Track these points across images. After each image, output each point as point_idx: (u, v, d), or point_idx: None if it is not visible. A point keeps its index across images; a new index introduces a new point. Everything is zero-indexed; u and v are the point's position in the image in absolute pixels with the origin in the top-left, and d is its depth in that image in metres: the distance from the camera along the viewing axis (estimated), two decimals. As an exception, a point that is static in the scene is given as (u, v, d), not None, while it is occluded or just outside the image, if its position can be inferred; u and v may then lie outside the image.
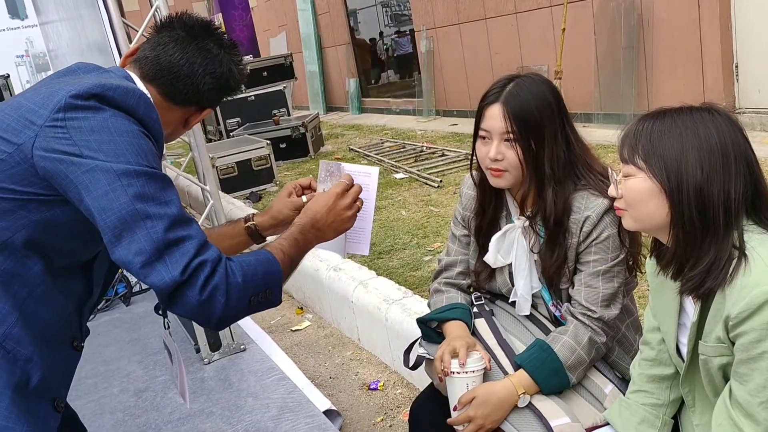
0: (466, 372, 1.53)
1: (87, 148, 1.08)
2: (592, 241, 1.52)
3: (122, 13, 3.64)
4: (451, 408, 1.57)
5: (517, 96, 1.50)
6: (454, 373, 1.53)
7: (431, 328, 1.73)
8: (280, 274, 1.21)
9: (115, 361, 3.14)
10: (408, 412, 2.55)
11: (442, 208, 4.76)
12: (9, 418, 1.09)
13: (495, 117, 1.51)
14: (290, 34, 13.55)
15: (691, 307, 1.23)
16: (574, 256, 1.56)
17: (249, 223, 1.55)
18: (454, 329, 1.65)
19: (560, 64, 6.14)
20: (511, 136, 1.50)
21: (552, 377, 1.50)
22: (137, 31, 3.91)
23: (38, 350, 1.16)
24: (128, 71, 1.30)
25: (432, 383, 1.74)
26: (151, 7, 3.93)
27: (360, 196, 1.43)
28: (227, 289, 1.10)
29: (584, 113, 6.28)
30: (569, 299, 1.59)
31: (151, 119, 1.19)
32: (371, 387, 2.83)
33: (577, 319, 1.54)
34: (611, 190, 1.25)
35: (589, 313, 1.53)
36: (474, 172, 1.71)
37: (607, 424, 1.45)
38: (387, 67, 12.58)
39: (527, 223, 1.60)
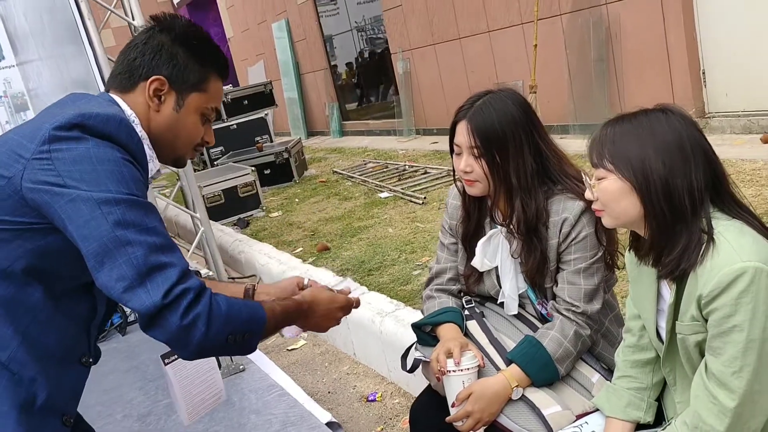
0: (461, 370, 1.62)
1: (70, 178, 1.12)
2: (572, 241, 1.63)
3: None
4: (449, 405, 1.66)
5: (482, 113, 1.62)
6: (450, 372, 1.63)
7: (426, 333, 1.83)
8: (264, 324, 1.23)
9: (115, 389, 3.18)
10: (407, 420, 2.63)
11: (428, 223, 4.86)
12: None
13: (462, 132, 1.64)
14: (268, 62, 13.72)
15: (668, 292, 1.34)
16: (556, 256, 1.67)
17: (249, 287, 1.57)
18: (448, 331, 1.75)
19: (534, 79, 6.32)
20: (476, 151, 1.62)
21: (542, 370, 1.60)
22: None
23: (44, 370, 1.20)
24: (111, 95, 1.33)
25: (429, 385, 1.83)
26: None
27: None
28: (209, 319, 1.12)
29: (560, 125, 6.45)
30: (554, 297, 1.70)
31: (133, 142, 1.21)
32: (369, 398, 2.91)
33: (562, 314, 1.65)
34: (587, 194, 1.36)
35: (573, 308, 1.63)
36: (458, 183, 1.82)
37: (596, 410, 1.55)
38: (366, 90, 12.76)
39: (505, 230, 1.71)
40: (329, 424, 2.54)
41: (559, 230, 1.63)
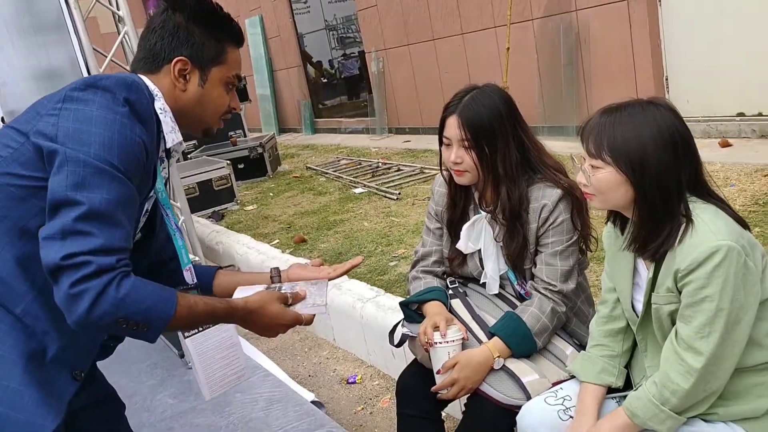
0: (447, 342, 1.74)
1: (63, 133, 1.18)
2: (549, 225, 1.76)
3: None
4: (435, 374, 1.78)
5: (471, 108, 1.74)
6: (437, 343, 1.74)
7: (413, 311, 1.94)
8: (167, 320, 1.21)
9: (97, 372, 3.22)
10: (387, 400, 2.75)
11: (403, 218, 4.98)
12: (22, 383, 1.20)
13: (453, 126, 1.76)
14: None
15: (644, 269, 1.48)
16: (535, 239, 1.80)
17: (273, 271, 1.59)
18: (433, 308, 1.87)
19: (506, 81, 6.50)
20: (466, 143, 1.74)
21: (522, 342, 1.73)
22: (105, 57, 4.05)
23: (57, 325, 1.24)
24: (139, 75, 1.39)
25: (415, 359, 1.95)
26: (119, 34, 4.08)
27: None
28: (97, 297, 1.11)
29: (531, 126, 6.62)
30: (533, 278, 1.83)
31: (141, 103, 1.27)
32: (350, 381, 3.01)
33: (540, 293, 1.78)
34: (580, 178, 1.45)
35: (551, 287, 1.77)
36: (444, 172, 1.94)
37: (570, 378, 1.68)
38: (338, 89, 12.83)
39: (489, 216, 1.84)
40: (312, 404, 2.63)
41: (538, 215, 1.76)
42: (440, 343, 1.74)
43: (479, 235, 1.88)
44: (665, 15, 5.65)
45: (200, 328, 1.58)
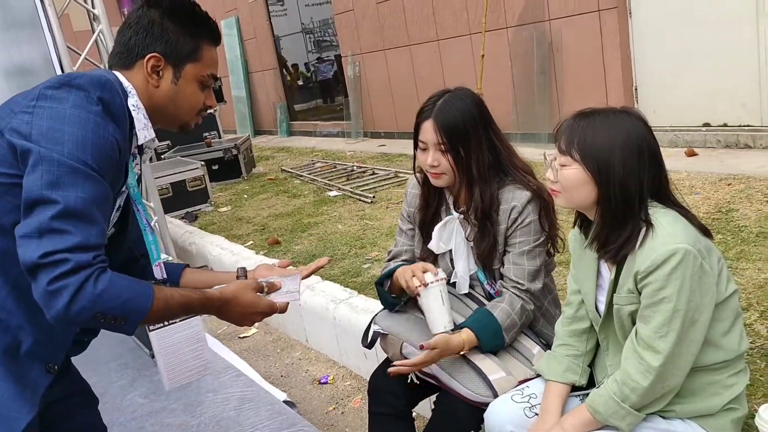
0: (438, 280, 1.76)
1: (38, 132, 1.19)
2: (518, 225, 1.81)
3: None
4: (428, 319, 1.78)
5: (446, 111, 1.79)
6: (430, 283, 1.75)
7: (388, 293, 1.94)
8: (144, 313, 1.22)
9: (67, 372, 3.20)
10: (358, 400, 2.78)
11: (377, 221, 5.02)
12: None
13: (429, 130, 1.80)
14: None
15: (607, 270, 1.54)
16: (504, 240, 1.85)
17: (240, 270, 1.59)
18: (404, 267, 1.88)
19: (481, 88, 6.58)
20: (442, 147, 1.78)
21: (492, 337, 1.77)
22: (80, 55, 4.02)
23: (32, 319, 1.26)
24: (114, 71, 1.40)
25: (387, 358, 1.98)
26: (93, 32, 4.06)
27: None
28: (75, 293, 1.13)
29: (504, 133, 6.72)
30: (502, 278, 1.88)
31: (114, 102, 1.28)
32: (321, 381, 3.04)
33: (510, 291, 1.83)
34: (549, 174, 1.51)
35: (519, 285, 1.81)
36: (417, 174, 1.98)
37: (536, 377, 1.73)
38: (314, 92, 12.85)
39: (462, 217, 1.89)
40: (284, 403, 2.65)
41: (508, 216, 1.81)
42: (432, 282, 1.75)
43: (450, 236, 1.93)
44: (635, 26, 5.79)
45: (165, 323, 1.59)
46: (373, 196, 5.71)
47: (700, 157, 5.11)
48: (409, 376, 1.86)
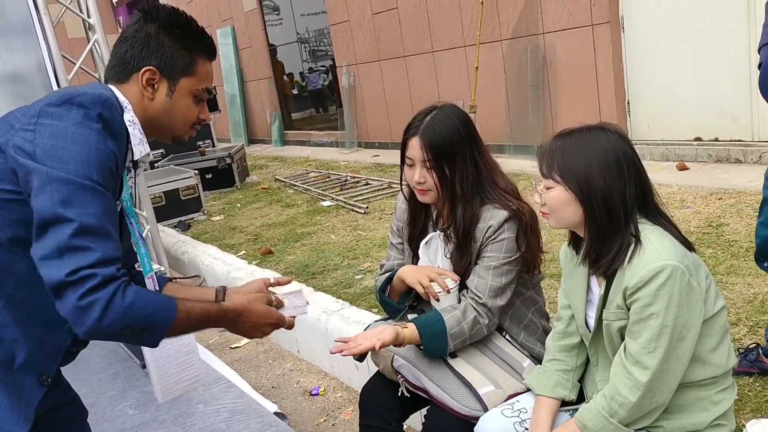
0: (457, 285, 1.83)
1: (41, 150, 1.21)
2: (490, 239, 1.81)
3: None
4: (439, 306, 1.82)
5: (433, 129, 1.80)
6: (451, 289, 1.82)
7: (389, 299, 1.96)
8: (169, 325, 1.26)
9: (56, 382, 3.18)
10: (349, 412, 2.78)
11: (370, 232, 5.03)
12: None
13: (415, 147, 1.81)
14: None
15: (597, 286, 1.55)
16: (477, 257, 1.85)
17: (219, 289, 1.59)
18: (410, 269, 1.91)
19: (474, 100, 6.63)
20: (428, 164, 1.80)
21: (434, 337, 1.77)
22: (74, 63, 4.03)
23: (26, 332, 1.28)
24: (109, 85, 1.42)
25: (378, 371, 1.99)
26: (88, 42, 4.06)
27: None
28: (106, 307, 1.16)
29: (497, 144, 6.76)
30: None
31: (114, 120, 1.30)
32: (312, 393, 3.03)
33: (467, 301, 1.82)
34: (536, 198, 1.54)
35: (476, 298, 1.80)
36: (405, 189, 1.99)
37: (527, 390, 1.74)
38: (308, 101, 12.87)
39: (442, 235, 1.90)
40: (275, 415, 2.65)
41: (483, 235, 1.81)
42: (453, 288, 1.82)
43: (436, 253, 1.93)
44: (628, 41, 5.84)
45: None
46: (367, 207, 5.72)
47: (691, 171, 5.15)
48: (400, 390, 1.87)
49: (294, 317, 1.54)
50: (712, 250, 3.38)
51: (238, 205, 7.01)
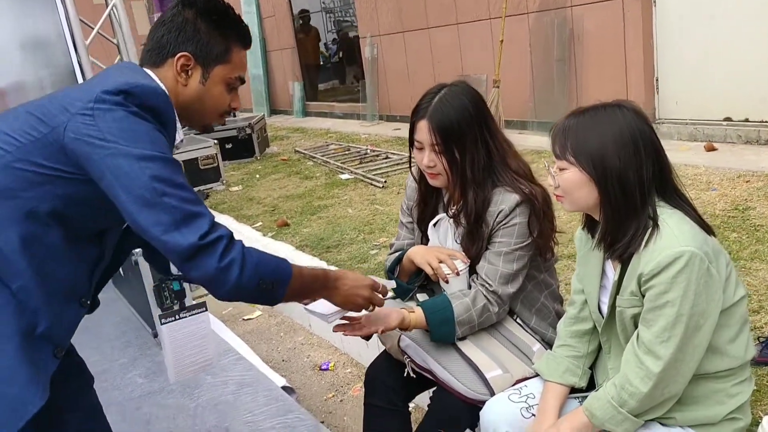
0: (467, 266, 1.78)
1: (110, 134, 1.25)
2: (501, 225, 1.74)
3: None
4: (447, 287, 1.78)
5: (441, 111, 1.72)
6: (461, 271, 1.77)
7: (403, 283, 1.91)
8: (289, 277, 1.36)
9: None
10: (358, 388, 2.76)
11: (387, 206, 4.98)
12: (15, 358, 1.25)
13: (423, 131, 1.73)
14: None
15: (612, 271, 1.49)
16: (488, 242, 1.78)
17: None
18: (419, 249, 1.86)
19: (498, 74, 6.49)
20: (437, 148, 1.72)
21: (442, 323, 1.72)
22: (92, 28, 4.00)
23: (47, 303, 1.30)
24: (145, 69, 1.44)
25: (384, 350, 1.95)
26: (107, 6, 4.03)
27: None
28: (243, 264, 1.26)
29: (520, 120, 6.64)
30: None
31: (169, 114, 1.36)
32: (322, 368, 3.02)
33: (477, 288, 1.76)
34: (549, 180, 1.48)
35: (487, 285, 1.74)
36: (414, 171, 1.92)
37: (536, 376, 1.70)
38: (330, 72, 12.76)
39: (452, 220, 1.83)
40: (283, 389, 2.64)
41: (494, 219, 1.74)
42: (463, 270, 1.77)
43: (446, 235, 1.87)
44: (659, 16, 5.65)
45: (177, 316, 1.68)
46: (385, 181, 5.66)
47: (719, 151, 5.00)
48: (406, 370, 1.83)
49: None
50: (737, 234, 3.28)
51: (257, 176, 7.00)
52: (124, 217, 1.28)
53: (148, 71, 1.42)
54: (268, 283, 1.31)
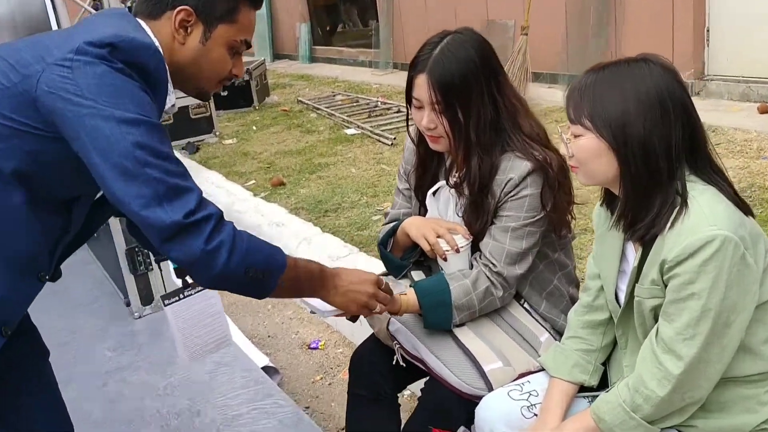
0: (469, 242, 1.71)
1: (88, 91, 1.19)
2: (510, 197, 1.65)
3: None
4: (446, 270, 1.71)
5: (442, 64, 1.60)
6: (461, 248, 1.70)
7: (391, 254, 1.85)
8: (282, 268, 1.32)
9: (32, 314, 3.20)
10: (347, 372, 2.72)
11: (395, 166, 4.90)
12: None
13: (422, 87, 1.63)
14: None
15: (632, 254, 1.41)
16: (494, 215, 1.69)
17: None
18: (415, 220, 1.79)
19: (527, 21, 6.31)
20: (437, 107, 1.62)
21: (437, 307, 1.65)
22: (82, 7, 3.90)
23: (2, 277, 1.26)
24: (139, 20, 1.37)
25: (372, 334, 1.90)
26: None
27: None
28: (232, 248, 1.22)
29: (550, 73, 6.48)
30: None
31: (160, 73, 1.30)
32: (311, 346, 2.99)
33: (480, 268, 1.68)
34: (562, 149, 1.40)
35: (491, 266, 1.66)
36: (411, 131, 1.83)
37: (541, 370, 1.63)
38: (341, 13, 12.56)
39: (453, 190, 1.74)
40: (266, 369, 2.61)
41: (501, 189, 1.65)
42: (464, 246, 1.70)
43: (446, 205, 1.79)
44: (714, -44, 5.45)
45: (181, 295, 1.65)
46: (394, 138, 5.57)
47: (775, 115, 4.85)
48: (395, 358, 1.78)
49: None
50: (788, 212, 3.18)
51: (254, 128, 6.92)
52: (99, 185, 1.23)
53: (142, 23, 1.35)
54: (258, 273, 1.27)
